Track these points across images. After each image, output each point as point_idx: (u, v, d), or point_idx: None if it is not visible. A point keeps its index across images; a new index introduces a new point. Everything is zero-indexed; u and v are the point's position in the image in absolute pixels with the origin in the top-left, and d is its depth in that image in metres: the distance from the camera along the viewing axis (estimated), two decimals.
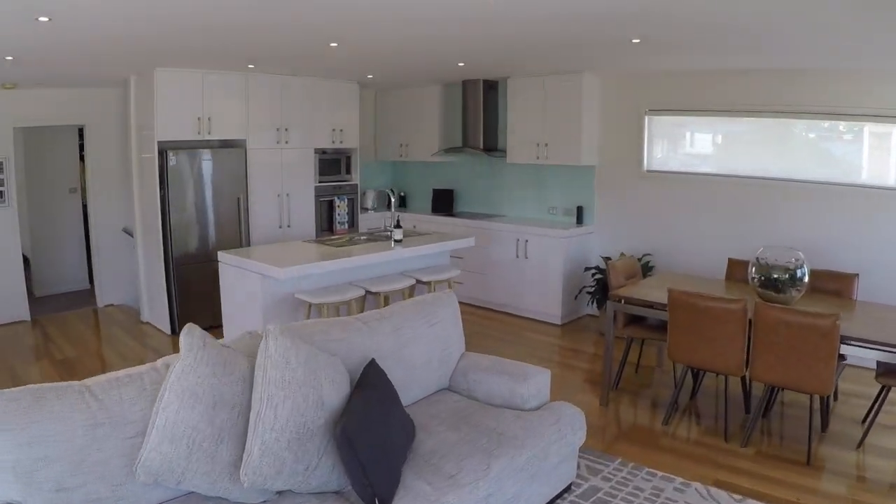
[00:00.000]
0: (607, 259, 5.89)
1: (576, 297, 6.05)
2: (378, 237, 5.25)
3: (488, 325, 6.11)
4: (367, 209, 7.13)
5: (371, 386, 2.48)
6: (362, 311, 4.63)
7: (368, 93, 7.67)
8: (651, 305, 3.97)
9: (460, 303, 6.81)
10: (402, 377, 2.88)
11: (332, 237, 5.25)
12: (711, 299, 3.61)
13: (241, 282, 4.38)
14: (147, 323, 6.19)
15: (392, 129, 7.69)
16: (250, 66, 5.42)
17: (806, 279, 3.83)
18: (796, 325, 3.33)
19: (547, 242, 6.02)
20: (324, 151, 6.75)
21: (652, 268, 5.79)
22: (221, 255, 4.56)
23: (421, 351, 2.99)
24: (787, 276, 3.83)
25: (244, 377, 2.26)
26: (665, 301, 3.81)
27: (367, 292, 4.47)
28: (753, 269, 3.94)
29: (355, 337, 2.75)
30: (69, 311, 6.71)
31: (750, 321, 3.53)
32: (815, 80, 4.89)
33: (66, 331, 6.03)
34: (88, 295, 7.09)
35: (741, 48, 4.25)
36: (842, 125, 4.95)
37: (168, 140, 5.46)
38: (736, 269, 4.61)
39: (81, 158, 7.26)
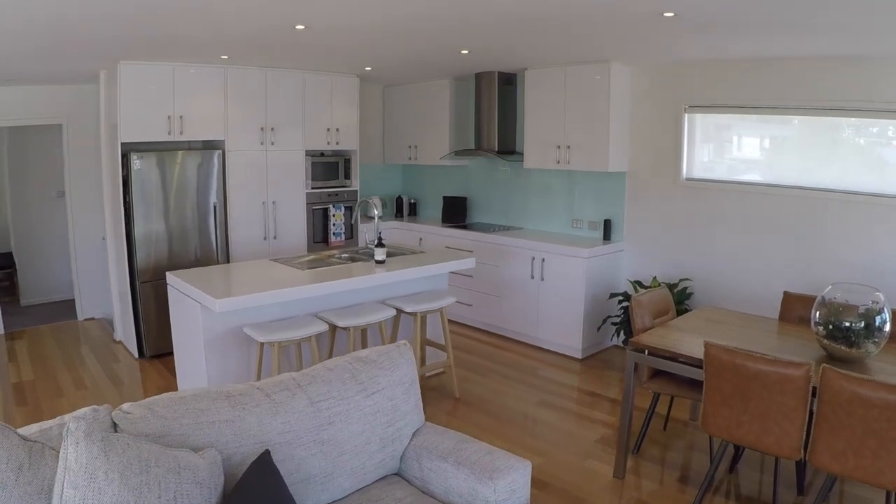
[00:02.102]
0: (636, 284, 4.99)
1: (598, 328, 5.15)
2: (361, 256, 4.50)
3: (497, 357, 5.29)
4: (371, 218, 6.39)
5: (249, 497, 1.72)
6: (330, 351, 3.91)
7: (375, 88, 6.91)
8: (684, 361, 3.09)
9: (470, 327, 6.16)
10: (322, 468, 2.11)
11: (302, 256, 4.49)
12: (764, 361, 2.69)
13: (184, 310, 3.69)
14: (119, 342, 5.60)
15: (400, 129, 6.88)
16: (224, 56, 4.73)
17: (887, 328, 2.91)
18: (880, 403, 2.42)
19: (566, 262, 5.14)
20: (320, 154, 6.05)
21: (690, 295, 4.86)
22: (169, 277, 3.88)
23: (353, 430, 2.21)
24: (861, 324, 2.91)
25: (52, 486, 1.54)
26: (701, 355, 2.93)
27: (335, 327, 3.72)
28: (818, 313, 3.02)
29: (250, 416, 1.99)
30: (47, 324, 6.22)
31: (813, 389, 2.64)
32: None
33: (36, 348, 5.52)
34: (74, 306, 6.58)
35: (798, 27, 3.32)
36: None
37: (134, 141, 4.83)
38: (793, 306, 3.68)
39: None
